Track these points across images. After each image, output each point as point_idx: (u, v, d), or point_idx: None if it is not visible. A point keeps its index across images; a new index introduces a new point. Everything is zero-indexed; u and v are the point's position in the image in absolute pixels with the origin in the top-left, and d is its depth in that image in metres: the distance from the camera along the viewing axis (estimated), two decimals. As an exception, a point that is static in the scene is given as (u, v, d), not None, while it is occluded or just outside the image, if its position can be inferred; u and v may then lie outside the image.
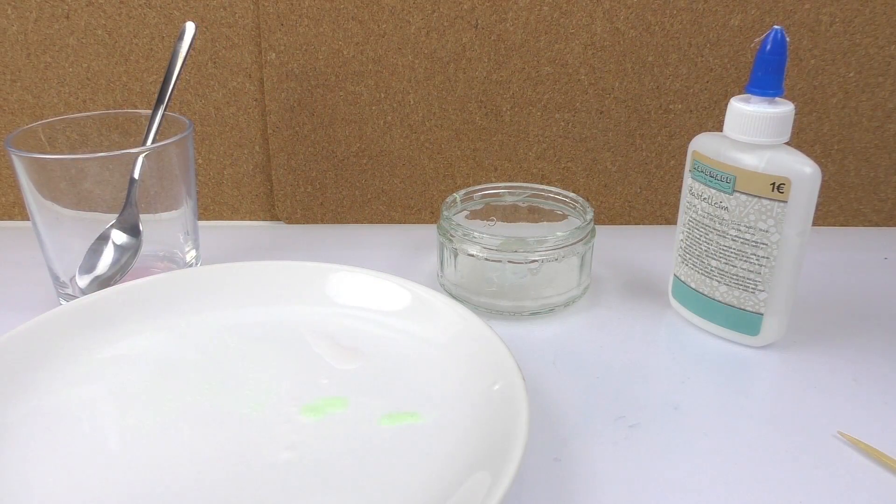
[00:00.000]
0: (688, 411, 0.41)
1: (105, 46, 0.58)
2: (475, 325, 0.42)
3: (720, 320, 0.47)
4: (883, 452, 0.37)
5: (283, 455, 0.36)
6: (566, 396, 0.42)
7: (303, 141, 0.61)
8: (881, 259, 0.59)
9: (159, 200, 0.49)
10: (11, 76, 0.59)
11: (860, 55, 0.58)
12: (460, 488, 0.32)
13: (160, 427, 0.37)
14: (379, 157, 0.62)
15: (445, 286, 0.52)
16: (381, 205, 0.64)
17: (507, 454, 0.32)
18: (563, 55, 0.58)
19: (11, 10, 0.57)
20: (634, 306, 0.52)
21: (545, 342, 0.47)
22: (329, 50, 0.58)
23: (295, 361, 0.42)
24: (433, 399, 0.39)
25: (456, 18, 0.57)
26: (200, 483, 0.34)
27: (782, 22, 0.57)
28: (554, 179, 0.63)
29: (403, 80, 0.59)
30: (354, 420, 0.38)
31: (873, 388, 0.43)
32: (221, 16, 0.57)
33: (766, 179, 0.42)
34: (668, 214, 0.64)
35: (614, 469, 0.37)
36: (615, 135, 0.61)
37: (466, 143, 0.62)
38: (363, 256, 0.58)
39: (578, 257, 0.49)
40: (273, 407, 0.39)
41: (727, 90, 0.59)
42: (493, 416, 0.36)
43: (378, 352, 0.43)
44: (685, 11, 0.57)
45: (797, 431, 0.39)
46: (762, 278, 0.44)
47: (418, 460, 0.35)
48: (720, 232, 0.45)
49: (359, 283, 0.47)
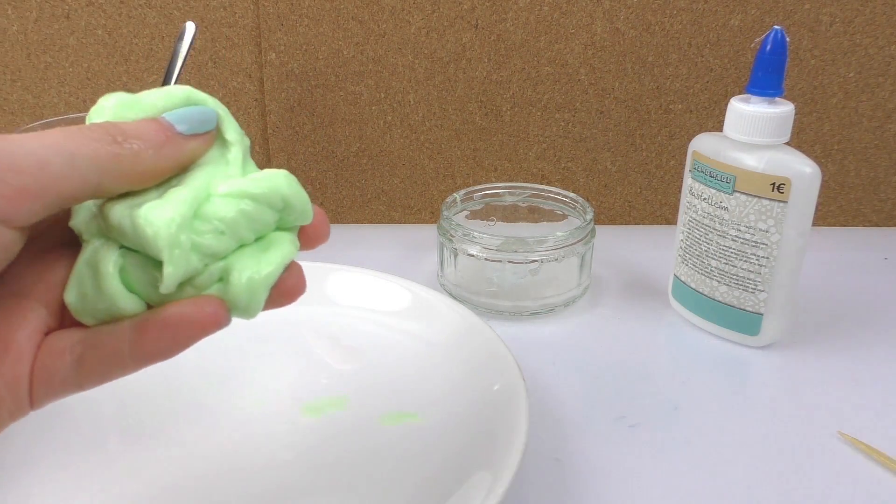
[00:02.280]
0: (688, 411, 0.41)
1: (105, 46, 0.58)
2: (475, 325, 0.42)
3: (720, 320, 0.47)
4: (883, 452, 0.37)
5: (283, 455, 0.36)
6: (566, 396, 0.42)
7: (303, 141, 0.61)
8: (881, 259, 0.59)
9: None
10: (11, 76, 0.59)
11: (860, 55, 0.58)
12: (460, 488, 0.32)
13: (160, 427, 0.37)
14: (379, 157, 0.62)
15: (445, 286, 0.52)
16: (381, 205, 0.64)
17: (507, 454, 0.32)
18: (563, 55, 0.58)
19: (11, 10, 0.57)
20: (634, 306, 0.52)
21: (545, 342, 0.47)
22: (329, 50, 0.58)
23: (295, 361, 0.42)
24: (433, 399, 0.39)
25: (456, 18, 0.57)
26: (200, 483, 0.34)
27: (782, 22, 0.57)
28: (554, 179, 0.63)
29: (403, 80, 0.59)
30: (354, 420, 0.38)
31: (873, 388, 0.43)
32: (221, 16, 0.57)
33: (766, 179, 0.42)
34: (668, 214, 0.64)
35: (614, 469, 0.37)
36: (615, 135, 0.61)
37: (466, 143, 0.62)
38: (363, 256, 0.58)
39: (578, 257, 0.49)
40: (273, 407, 0.39)
41: (727, 90, 0.59)
42: (493, 416, 0.36)
43: (378, 352, 0.43)
44: (685, 11, 0.57)
45: (797, 431, 0.39)
46: (762, 278, 0.44)
47: (418, 460, 0.35)
48: (720, 232, 0.45)
49: (359, 283, 0.47)
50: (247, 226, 0.23)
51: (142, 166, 0.21)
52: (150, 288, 0.23)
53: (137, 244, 0.22)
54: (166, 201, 0.22)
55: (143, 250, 0.22)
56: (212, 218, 0.22)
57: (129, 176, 0.21)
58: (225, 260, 0.23)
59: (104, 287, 0.22)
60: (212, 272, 0.23)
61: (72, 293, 0.22)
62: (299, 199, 0.24)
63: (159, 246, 0.21)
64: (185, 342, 0.22)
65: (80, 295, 0.22)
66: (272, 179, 0.23)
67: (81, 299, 0.22)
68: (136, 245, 0.22)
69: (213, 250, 0.22)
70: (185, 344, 0.22)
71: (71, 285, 0.23)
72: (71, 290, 0.22)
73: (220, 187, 0.23)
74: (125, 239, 0.22)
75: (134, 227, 0.21)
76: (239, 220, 0.23)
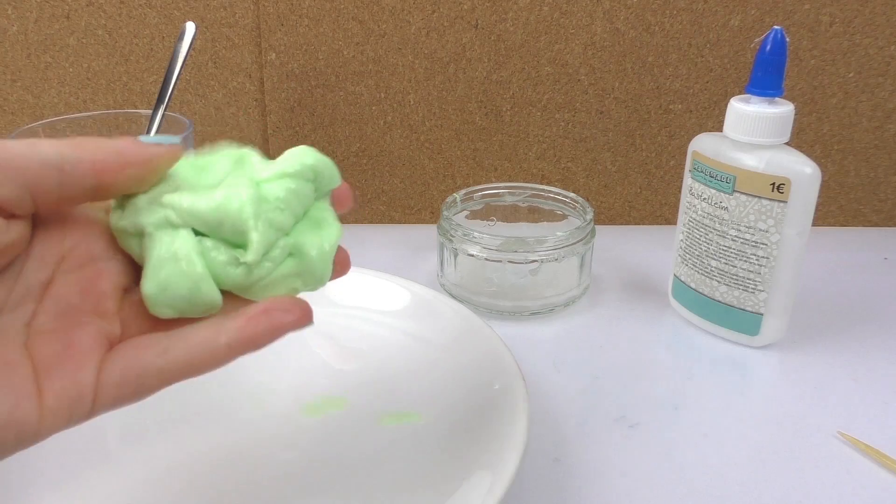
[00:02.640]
0: (688, 411, 0.41)
1: (105, 46, 0.58)
2: (475, 325, 0.42)
3: (720, 320, 0.47)
4: (883, 452, 0.37)
5: (284, 455, 0.36)
6: (566, 396, 0.42)
7: (303, 141, 0.61)
8: (881, 259, 0.59)
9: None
10: (12, 76, 0.59)
11: (860, 55, 0.58)
12: (460, 488, 0.32)
13: (160, 427, 0.37)
14: (379, 157, 0.62)
15: (445, 286, 0.52)
16: (381, 205, 0.64)
17: (507, 454, 0.32)
18: (563, 55, 0.58)
19: (12, 10, 0.57)
20: (634, 306, 0.52)
21: (545, 342, 0.47)
22: (329, 50, 0.58)
23: (295, 361, 0.42)
24: (433, 399, 0.39)
25: (456, 18, 0.57)
26: (200, 483, 0.34)
27: (782, 22, 0.57)
28: (554, 179, 0.63)
29: (403, 80, 0.59)
30: (354, 420, 0.38)
31: (873, 388, 0.43)
32: (221, 16, 0.57)
33: (766, 179, 0.42)
34: (668, 214, 0.64)
35: (614, 469, 0.37)
36: (615, 135, 0.61)
37: (466, 143, 0.62)
38: (363, 256, 0.58)
39: (578, 257, 0.49)
40: (273, 407, 0.39)
41: (727, 90, 0.59)
42: (493, 416, 0.36)
43: (378, 352, 0.43)
44: (685, 11, 0.57)
45: (797, 431, 0.39)
46: (762, 278, 0.44)
47: (418, 460, 0.35)
48: (720, 232, 0.45)
49: (359, 283, 0.47)
50: (297, 202, 0.25)
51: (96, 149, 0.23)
52: (227, 268, 0.24)
53: (215, 224, 0.23)
54: (232, 185, 0.24)
55: (220, 229, 0.24)
56: (270, 198, 0.24)
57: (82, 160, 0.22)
58: (288, 237, 0.25)
59: (189, 270, 0.23)
60: (282, 247, 0.25)
61: (150, 284, 0.23)
62: (326, 165, 0.26)
63: (244, 218, 0.23)
64: (281, 332, 0.24)
65: (160, 285, 0.23)
66: (299, 156, 0.26)
67: (161, 289, 0.23)
68: (213, 225, 0.24)
69: (280, 225, 0.24)
70: (281, 334, 0.24)
71: (148, 277, 0.24)
72: (149, 281, 0.23)
73: (261, 174, 0.25)
74: (198, 223, 0.23)
75: (216, 206, 0.23)
76: (289, 197, 0.25)
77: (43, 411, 0.21)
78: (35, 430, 0.21)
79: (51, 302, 0.23)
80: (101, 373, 0.23)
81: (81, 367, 0.22)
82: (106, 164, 0.22)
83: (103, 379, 0.23)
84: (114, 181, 0.22)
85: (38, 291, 0.23)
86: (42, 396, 0.22)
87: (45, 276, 0.23)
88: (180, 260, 0.23)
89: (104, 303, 0.24)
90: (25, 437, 0.21)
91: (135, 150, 0.23)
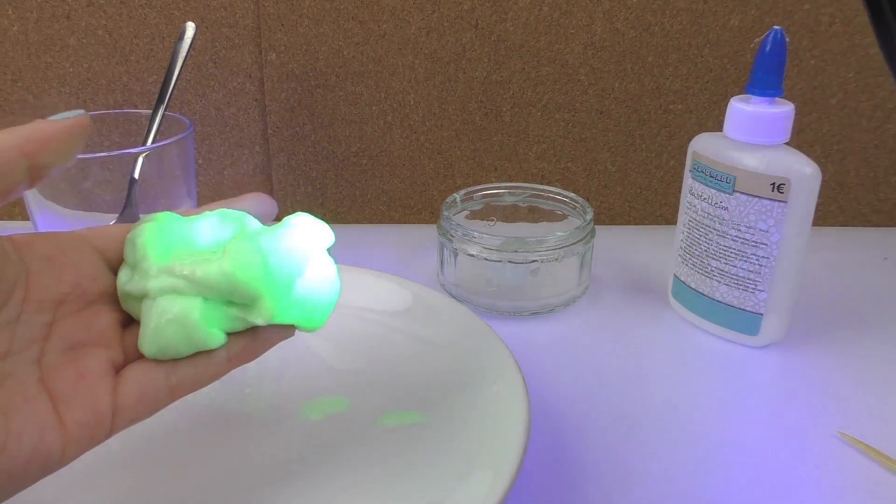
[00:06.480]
0: (687, 411, 0.41)
1: (105, 46, 0.58)
2: (475, 325, 0.42)
3: (720, 320, 0.47)
4: (883, 452, 0.37)
5: (284, 455, 0.36)
6: (566, 396, 0.42)
7: (303, 141, 0.61)
8: (881, 259, 0.59)
9: (159, 201, 0.49)
10: (12, 76, 0.59)
11: (860, 55, 0.58)
12: (460, 488, 0.32)
13: (160, 427, 0.37)
14: (379, 157, 0.62)
15: (445, 286, 0.52)
16: (381, 205, 0.64)
17: (507, 454, 0.32)
18: (563, 55, 0.58)
19: (12, 10, 0.57)
20: (634, 306, 0.52)
21: (545, 342, 0.47)
22: (329, 50, 0.58)
23: (295, 361, 0.42)
24: (433, 399, 0.39)
25: (456, 18, 0.57)
26: (200, 483, 0.34)
27: (782, 22, 0.57)
28: (554, 179, 0.63)
29: (403, 80, 0.59)
30: (355, 420, 0.38)
31: (873, 387, 0.43)
32: (221, 16, 0.57)
33: (765, 179, 0.42)
34: (668, 214, 0.64)
35: (614, 469, 0.37)
36: (615, 135, 0.61)
37: (466, 143, 0.62)
38: (363, 256, 0.58)
39: (578, 257, 0.49)
40: (273, 407, 0.39)
41: (727, 90, 0.59)
42: (493, 416, 0.36)
43: (378, 352, 0.43)
44: (685, 12, 0.57)
45: (797, 431, 0.39)
46: (762, 278, 0.44)
47: (418, 460, 0.35)
48: (720, 232, 0.45)
49: (359, 283, 0.47)
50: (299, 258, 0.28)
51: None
52: (227, 322, 0.26)
53: (226, 292, 0.26)
54: (239, 251, 0.26)
55: (228, 296, 0.26)
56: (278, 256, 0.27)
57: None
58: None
59: (194, 335, 0.25)
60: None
61: (151, 347, 0.25)
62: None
63: (255, 286, 0.26)
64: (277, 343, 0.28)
65: (161, 347, 0.25)
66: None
67: (163, 350, 0.26)
68: (223, 292, 0.26)
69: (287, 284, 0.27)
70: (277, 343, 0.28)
71: (148, 340, 0.25)
72: (150, 344, 0.25)
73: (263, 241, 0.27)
74: (208, 290, 0.26)
75: (228, 278, 0.25)
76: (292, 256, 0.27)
77: (66, 440, 0.23)
78: (59, 459, 0.23)
79: (56, 340, 0.24)
80: (116, 396, 0.24)
81: (97, 394, 0.24)
82: (30, 146, 0.24)
83: (119, 402, 0.24)
84: (42, 158, 0.24)
85: (42, 333, 0.24)
86: (64, 426, 0.23)
87: (47, 318, 0.24)
88: (187, 325, 0.25)
89: (107, 335, 0.26)
90: (50, 466, 0.23)
91: (50, 127, 0.24)
